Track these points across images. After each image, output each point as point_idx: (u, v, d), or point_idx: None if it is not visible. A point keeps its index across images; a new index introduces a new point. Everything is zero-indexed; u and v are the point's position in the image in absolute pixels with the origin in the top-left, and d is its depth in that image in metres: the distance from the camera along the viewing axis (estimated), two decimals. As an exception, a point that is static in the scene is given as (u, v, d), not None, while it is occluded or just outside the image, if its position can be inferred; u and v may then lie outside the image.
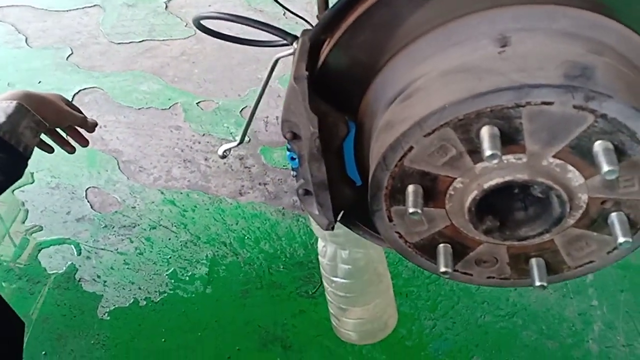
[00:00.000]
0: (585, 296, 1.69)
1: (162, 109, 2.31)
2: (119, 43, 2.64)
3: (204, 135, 2.20)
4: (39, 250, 1.91)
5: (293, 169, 0.76)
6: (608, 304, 1.67)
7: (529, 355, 1.59)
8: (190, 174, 2.08)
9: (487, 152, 0.55)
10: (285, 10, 1.25)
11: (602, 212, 0.64)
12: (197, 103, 2.32)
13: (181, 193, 2.03)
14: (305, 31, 0.74)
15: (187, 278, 1.80)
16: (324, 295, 1.71)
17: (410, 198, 0.63)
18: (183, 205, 1.99)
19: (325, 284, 1.28)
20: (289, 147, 0.74)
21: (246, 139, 2.18)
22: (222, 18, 0.93)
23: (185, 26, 2.67)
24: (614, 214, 0.63)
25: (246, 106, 2.27)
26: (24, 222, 1.99)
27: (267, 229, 1.91)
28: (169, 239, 1.90)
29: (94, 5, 2.86)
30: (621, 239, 0.61)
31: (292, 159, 0.75)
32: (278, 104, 2.22)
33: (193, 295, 1.76)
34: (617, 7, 0.63)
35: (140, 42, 2.64)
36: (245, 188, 2.03)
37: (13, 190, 2.05)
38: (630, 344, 1.59)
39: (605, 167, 0.55)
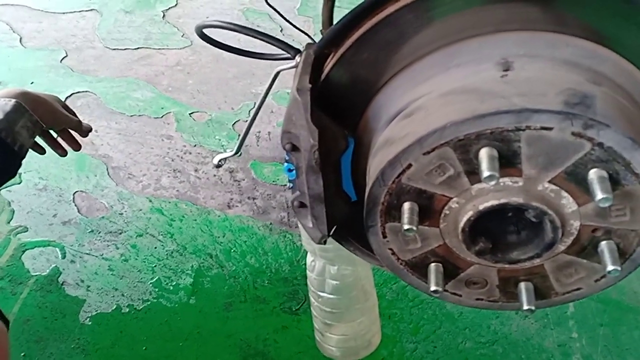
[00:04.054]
0: (565, 328, 1.70)
1: (155, 118, 2.31)
2: (114, 49, 2.64)
3: (195, 146, 2.20)
4: (23, 251, 1.89)
5: (290, 181, 0.77)
6: (587, 337, 1.67)
7: (509, 383, 1.59)
8: (180, 183, 2.08)
9: (485, 173, 0.56)
10: (283, 27, 1.24)
11: (593, 240, 0.65)
12: (189, 114, 2.32)
13: (169, 202, 2.02)
14: (309, 44, 0.75)
15: (172, 287, 1.79)
16: (307, 312, 1.71)
17: (405, 215, 0.64)
18: (171, 215, 1.98)
19: (311, 298, 1.28)
20: (287, 158, 0.74)
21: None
22: (225, 27, 0.94)
23: (182, 36, 2.68)
24: (604, 242, 0.64)
25: (239, 120, 2.27)
26: (9, 222, 1.97)
27: (253, 243, 1.90)
28: (155, 248, 1.89)
29: (91, 10, 2.86)
30: (610, 267, 0.62)
31: (290, 170, 0.76)
32: (271, 120, 2.23)
33: (176, 305, 1.75)
34: (615, 37, 0.65)
35: (135, 49, 2.64)
36: (234, 201, 2.02)
37: (-1, 190, 2.03)
38: (608, 377, 1.60)
39: (600, 195, 0.56)
